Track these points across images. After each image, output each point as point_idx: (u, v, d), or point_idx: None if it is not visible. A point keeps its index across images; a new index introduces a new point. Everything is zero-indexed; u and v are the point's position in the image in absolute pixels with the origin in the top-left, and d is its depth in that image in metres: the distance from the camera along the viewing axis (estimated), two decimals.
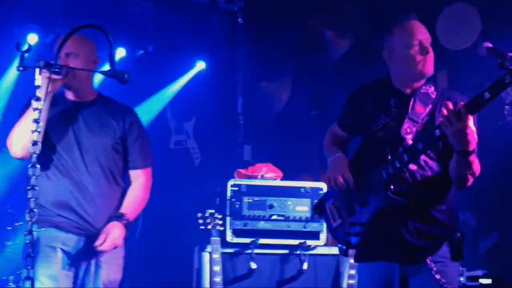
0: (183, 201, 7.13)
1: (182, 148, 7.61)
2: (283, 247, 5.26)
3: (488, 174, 5.75)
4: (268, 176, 5.62)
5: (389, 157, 3.33)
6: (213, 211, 5.06)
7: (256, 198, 5.33)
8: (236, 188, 5.33)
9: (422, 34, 3.47)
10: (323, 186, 5.34)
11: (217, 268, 4.90)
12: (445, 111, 3.08)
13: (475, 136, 3.12)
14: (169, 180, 7.19)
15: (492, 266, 5.76)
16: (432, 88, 3.50)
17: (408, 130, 3.39)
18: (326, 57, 7.05)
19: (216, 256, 4.94)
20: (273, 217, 5.30)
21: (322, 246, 5.29)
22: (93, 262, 3.90)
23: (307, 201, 5.33)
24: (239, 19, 7.10)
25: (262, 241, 5.25)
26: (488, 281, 5.29)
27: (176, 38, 7.27)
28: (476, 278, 5.37)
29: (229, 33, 7.23)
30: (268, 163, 5.79)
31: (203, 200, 6.12)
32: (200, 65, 7.44)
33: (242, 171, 5.71)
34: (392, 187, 3.31)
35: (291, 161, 6.67)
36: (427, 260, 3.37)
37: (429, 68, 3.46)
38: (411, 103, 3.45)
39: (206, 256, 5.08)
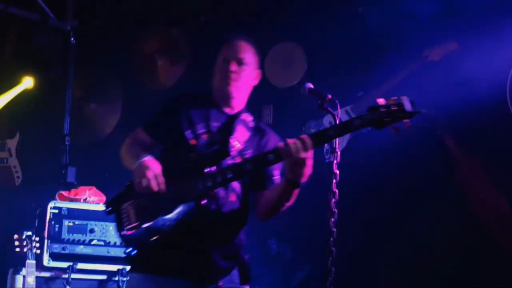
0: None
1: (3, 165, 7.33)
2: (101, 273, 5.19)
3: (304, 208, 6.05)
4: (91, 200, 5.55)
5: (208, 170, 3.31)
6: (30, 233, 4.92)
7: (77, 222, 5.24)
8: (57, 211, 5.22)
9: (232, 53, 3.54)
10: None
11: None
12: (291, 140, 3.12)
13: (310, 171, 3.19)
14: None
15: None
16: (251, 118, 3.62)
17: (234, 149, 3.43)
18: (158, 83, 7.08)
19: (31, 279, 4.80)
20: (93, 241, 5.24)
21: None
22: None
23: None
24: (72, 39, 6.98)
25: (81, 265, 5.16)
26: None
27: (3, 53, 7.05)
28: None
29: (61, 52, 7.09)
30: (92, 187, 5.72)
31: (21, 221, 5.93)
32: (28, 82, 7.22)
33: (65, 193, 5.60)
34: (205, 201, 3.30)
35: (116, 186, 6.61)
36: (220, 282, 3.41)
37: (228, 87, 3.51)
38: (234, 124, 3.51)
39: (19, 280, 4.92)
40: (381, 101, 3.16)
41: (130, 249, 3.36)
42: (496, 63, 5.20)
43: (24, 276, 4.86)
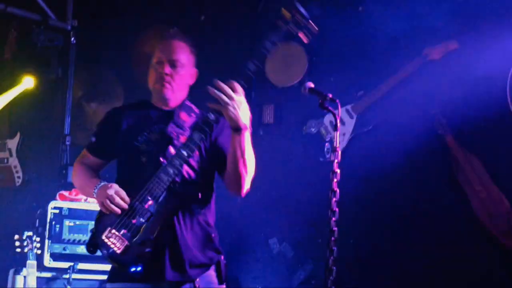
0: (0, 221, 6.86)
1: (4, 166, 7.33)
2: (102, 273, 5.19)
3: (305, 207, 6.06)
4: (92, 199, 5.54)
5: (162, 159, 3.31)
6: (30, 233, 4.92)
7: (77, 222, 5.25)
8: (57, 211, 5.22)
9: (165, 54, 3.50)
10: None
11: None
12: (218, 88, 3.15)
13: (247, 112, 3.22)
14: None
15: None
16: (194, 106, 3.59)
17: (175, 132, 3.43)
18: None
19: (31, 280, 4.80)
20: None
21: None
22: None
23: None
24: (72, 38, 6.98)
25: (82, 266, 5.16)
26: None
27: (3, 53, 7.05)
28: None
29: (61, 51, 7.09)
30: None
31: (22, 221, 5.93)
32: (28, 82, 7.21)
33: (65, 193, 5.60)
34: (177, 189, 3.33)
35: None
36: (197, 283, 3.40)
37: (163, 89, 3.48)
38: (175, 113, 3.49)
39: (20, 280, 4.92)
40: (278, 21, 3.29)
41: (134, 268, 3.30)
42: (496, 61, 5.21)
43: (24, 277, 4.86)
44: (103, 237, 3.34)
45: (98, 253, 4.36)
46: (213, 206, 3.56)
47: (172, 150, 3.36)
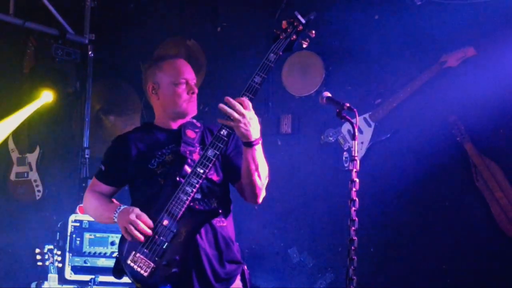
0: (21, 235, 6.90)
1: (24, 180, 7.38)
2: (123, 285, 5.20)
3: (325, 216, 6.05)
4: None
5: (179, 179, 3.34)
6: (51, 247, 4.95)
7: (97, 235, 5.27)
8: (78, 224, 5.24)
9: (189, 73, 3.60)
10: None
11: None
12: (228, 105, 3.22)
13: (257, 125, 3.28)
14: (8, 213, 6.96)
15: None
16: (195, 120, 3.65)
17: (188, 151, 3.47)
18: None
19: None
20: (115, 254, 5.24)
21: None
22: None
23: None
24: (90, 52, 7.04)
25: (102, 278, 5.17)
26: None
27: (22, 67, 7.11)
28: None
29: (79, 65, 7.14)
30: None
31: (43, 235, 5.96)
32: (47, 96, 7.27)
33: None
34: (197, 206, 3.37)
35: None
36: None
37: (193, 107, 3.59)
38: (182, 130, 3.55)
39: None
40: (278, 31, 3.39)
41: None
42: None
43: None
44: (129, 262, 3.36)
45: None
46: (232, 219, 3.59)
47: (187, 169, 3.39)
